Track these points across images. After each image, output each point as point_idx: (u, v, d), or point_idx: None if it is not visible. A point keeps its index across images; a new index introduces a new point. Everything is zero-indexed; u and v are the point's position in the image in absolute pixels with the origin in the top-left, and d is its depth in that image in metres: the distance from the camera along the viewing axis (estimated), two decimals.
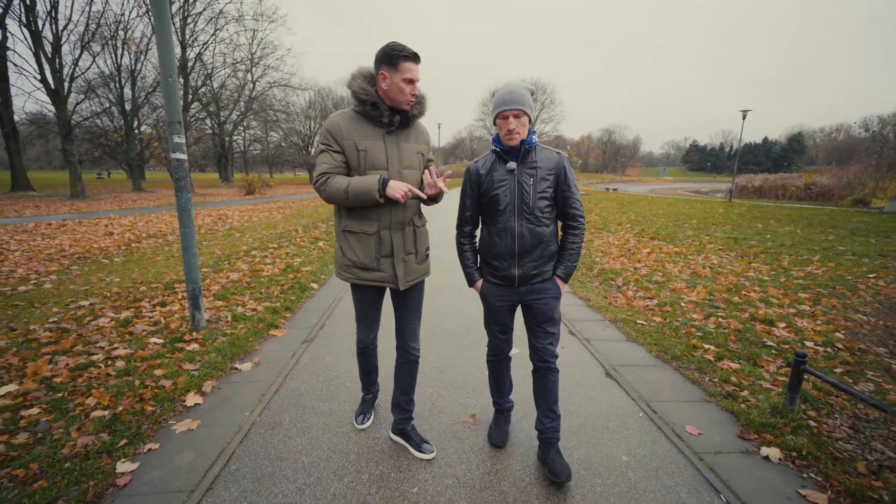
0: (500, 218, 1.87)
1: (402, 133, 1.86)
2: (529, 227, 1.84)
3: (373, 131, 1.79)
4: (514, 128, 1.76)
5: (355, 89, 1.75)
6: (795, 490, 1.88)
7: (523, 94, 1.77)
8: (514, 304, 2.00)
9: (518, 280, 1.90)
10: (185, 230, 3.36)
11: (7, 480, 1.79)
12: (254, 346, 3.33)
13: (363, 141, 1.77)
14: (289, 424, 2.32)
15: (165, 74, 3.09)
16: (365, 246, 1.85)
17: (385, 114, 1.76)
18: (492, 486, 1.89)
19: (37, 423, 2.21)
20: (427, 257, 2.05)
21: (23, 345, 3.19)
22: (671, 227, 11.12)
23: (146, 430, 2.21)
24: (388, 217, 1.83)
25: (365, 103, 1.74)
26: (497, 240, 1.89)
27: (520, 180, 1.83)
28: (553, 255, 1.93)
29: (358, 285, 1.95)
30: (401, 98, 1.74)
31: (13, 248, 7.04)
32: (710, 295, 4.84)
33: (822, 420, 2.38)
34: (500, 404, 2.26)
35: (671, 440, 2.24)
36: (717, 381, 2.86)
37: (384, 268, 1.89)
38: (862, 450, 2.12)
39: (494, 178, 1.86)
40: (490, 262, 1.96)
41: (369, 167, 1.77)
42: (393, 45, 1.69)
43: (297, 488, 1.84)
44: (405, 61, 1.68)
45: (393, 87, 1.72)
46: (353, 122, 1.78)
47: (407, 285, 1.94)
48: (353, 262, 1.88)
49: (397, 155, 1.83)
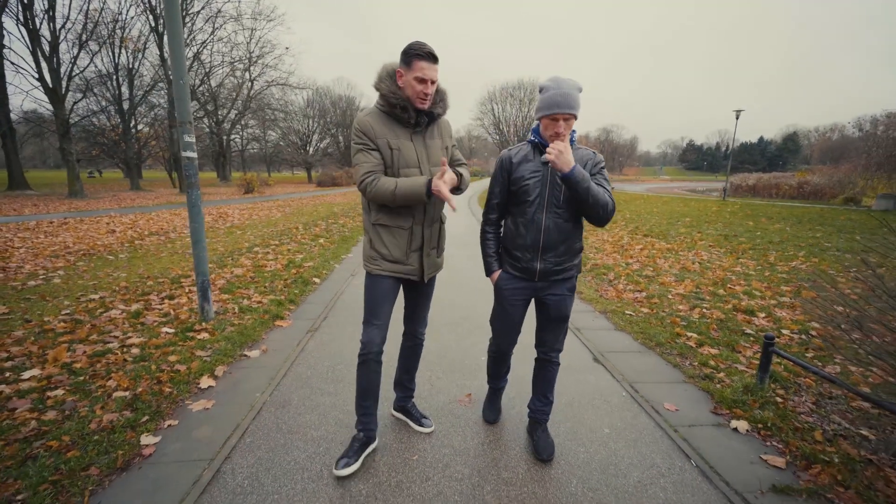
0: (527, 209, 1.85)
1: (428, 131, 1.91)
2: (557, 220, 1.82)
3: (402, 131, 1.83)
4: (563, 132, 1.72)
5: (385, 92, 1.77)
6: (758, 456, 2.08)
7: (576, 97, 1.70)
8: (528, 298, 2.00)
9: (539, 274, 1.89)
10: (195, 225, 3.53)
11: (43, 450, 1.96)
12: (261, 336, 3.51)
13: (395, 140, 1.80)
14: (297, 403, 2.50)
15: (177, 77, 3.26)
16: (398, 240, 1.89)
17: (413, 115, 1.80)
18: (484, 455, 2.08)
19: (63, 402, 2.38)
20: (443, 251, 2.12)
21: (39, 335, 3.35)
22: (664, 225, 11.34)
23: (165, 409, 2.39)
24: (421, 214, 1.90)
25: (395, 106, 1.77)
26: (523, 230, 1.87)
27: (553, 174, 1.80)
28: (577, 251, 1.92)
29: (379, 276, 1.94)
30: (412, 95, 1.75)
31: (17, 246, 7.17)
32: (697, 288, 5.04)
33: (788, 397, 2.58)
34: (495, 384, 2.36)
35: (650, 415, 2.43)
36: (697, 365, 3.06)
37: (412, 261, 1.93)
38: (821, 422, 2.33)
39: (527, 167, 1.84)
40: (512, 252, 1.93)
41: (402, 166, 1.81)
42: (411, 44, 1.71)
43: (307, 457, 2.03)
44: (418, 60, 1.70)
45: (406, 84, 1.75)
46: (383, 122, 1.81)
47: (428, 277, 2.01)
48: (381, 255, 1.90)
49: (425, 154, 1.88)
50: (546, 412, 2.16)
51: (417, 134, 1.87)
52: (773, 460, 2.03)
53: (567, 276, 1.92)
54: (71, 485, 1.78)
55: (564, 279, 1.92)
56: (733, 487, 1.87)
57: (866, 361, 2.03)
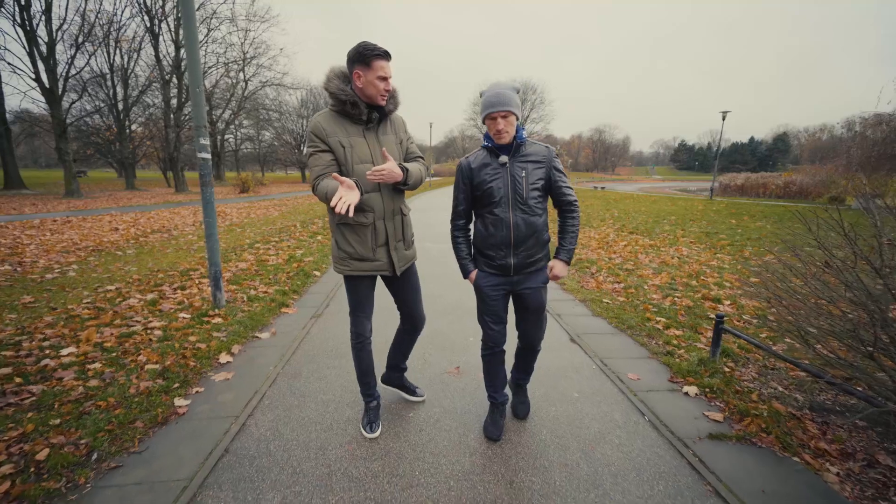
0: (494, 209, 1.95)
1: (380, 127, 1.97)
2: (524, 216, 1.93)
3: (353, 128, 1.89)
4: (503, 128, 1.86)
5: (333, 90, 1.83)
6: (702, 413, 2.46)
7: (510, 96, 1.85)
8: (507, 293, 2.09)
9: (514, 269, 2.00)
10: (208, 220, 3.86)
11: (94, 408, 2.30)
12: (269, 321, 3.85)
13: (347, 138, 1.87)
14: (307, 374, 2.85)
15: (193, 85, 3.59)
16: (361, 237, 1.95)
17: (364, 111, 1.86)
18: (470, 412, 2.44)
19: (102, 373, 2.71)
20: (412, 243, 2.20)
21: (67, 320, 3.66)
22: (650, 223, 11.77)
23: (192, 379, 2.73)
24: (381, 207, 1.95)
25: (345, 103, 1.83)
26: (493, 230, 1.97)
27: (512, 173, 1.92)
28: (545, 243, 2.03)
29: (354, 276, 2.02)
30: (375, 94, 1.83)
31: (27, 243, 7.43)
32: (672, 280, 5.44)
33: (736, 368, 2.97)
34: (496, 398, 2.28)
35: (614, 383, 2.81)
36: (661, 344, 3.44)
37: (380, 256, 2.00)
38: (760, 387, 2.72)
39: (487, 171, 1.95)
40: (485, 252, 2.04)
41: (356, 162, 1.88)
42: (364, 45, 1.77)
43: (318, 414, 2.38)
44: (377, 59, 1.76)
45: (367, 84, 1.81)
46: (335, 121, 1.87)
47: (401, 270, 2.10)
48: (349, 254, 1.97)
49: (379, 149, 1.93)
50: (526, 379, 2.41)
51: (370, 130, 1.93)
52: (713, 416, 2.41)
53: (539, 266, 2.05)
54: (122, 433, 2.12)
55: (537, 270, 2.05)
56: (676, 435, 2.25)
57: (777, 330, 2.41)
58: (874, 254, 2.06)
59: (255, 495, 1.78)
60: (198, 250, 7.04)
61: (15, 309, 3.93)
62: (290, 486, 1.83)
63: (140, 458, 2.00)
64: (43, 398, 2.39)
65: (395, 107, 1.99)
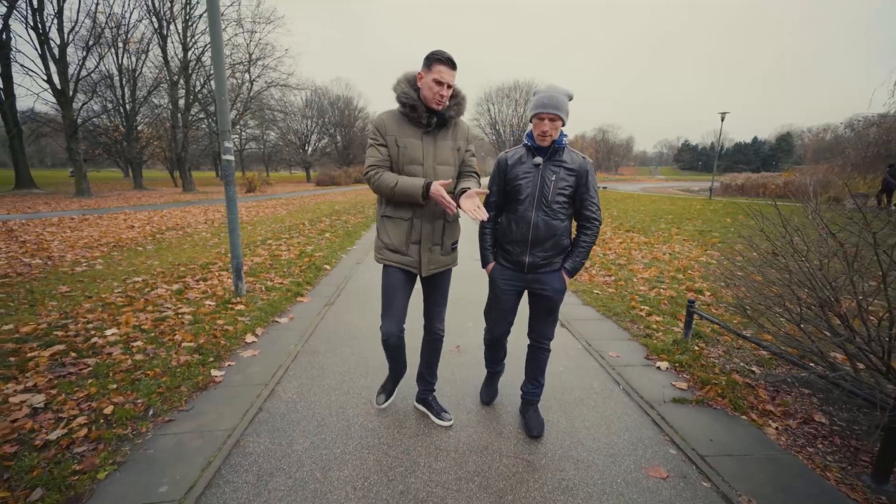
0: (519, 207, 2.02)
1: (440, 132, 2.01)
2: (545, 218, 1.98)
3: (412, 130, 1.96)
4: (548, 130, 1.90)
5: (398, 93, 1.93)
6: (670, 383, 2.81)
7: (562, 101, 1.89)
8: (520, 290, 2.15)
9: (528, 267, 2.06)
10: (231, 216, 4.24)
11: (144, 376, 2.68)
12: (287, 308, 4.22)
13: (403, 138, 1.95)
14: (324, 352, 3.22)
15: (219, 94, 3.97)
16: (398, 230, 2.02)
17: (423, 115, 1.92)
18: (468, 382, 2.81)
19: (145, 349, 3.09)
20: (454, 250, 2.18)
21: (104, 307, 4.05)
22: (647, 222, 12.10)
23: (224, 354, 3.11)
24: (421, 208, 1.99)
25: (405, 105, 1.92)
26: (514, 226, 2.04)
27: (543, 175, 1.98)
28: (564, 248, 2.07)
29: (388, 266, 2.09)
30: (430, 97, 1.89)
31: (49, 239, 7.84)
32: (661, 273, 5.79)
33: (705, 348, 3.33)
34: (493, 368, 2.50)
35: (596, 360, 3.17)
36: (642, 328, 3.80)
37: (412, 253, 2.04)
38: (724, 363, 3.07)
39: (521, 169, 2.01)
40: (504, 246, 2.12)
41: (406, 162, 1.96)
42: (434, 50, 1.88)
43: (337, 382, 2.75)
44: (437, 64, 1.85)
45: (425, 86, 1.89)
46: (397, 121, 1.96)
47: (428, 272, 2.08)
48: (385, 245, 2.06)
49: (433, 152, 1.99)
50: (537, 394, 2.34)
51: (429, 134, 1.98)
52: (679, 385, 2.77)
53: (554, 268, 2.08)
54: (171, 396, 2.50)
55: (552, 271, 2.08)
56: (645, 399, 2.61)
57: (728, 308, 2.77)
58: (813, 244, 2.42)
59: (288, 440, 2.15)
60: (213, 246, 7.43)
61: (55, 297, 4.32)
62: (316, 434, 2.20)
63: (188, 414, 2.38)
64: (98, 368, 2.77)
65: (458, 114, 2.04)
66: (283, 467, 1.95)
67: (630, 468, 2.01)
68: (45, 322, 3.56)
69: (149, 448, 2.07)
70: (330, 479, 1.89)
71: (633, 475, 1.96)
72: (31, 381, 2.58)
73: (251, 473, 1.91)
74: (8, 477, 1.81)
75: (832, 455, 2.12)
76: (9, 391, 2.45)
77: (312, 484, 1.86)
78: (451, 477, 1.92)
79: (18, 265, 5.60)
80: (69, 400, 2.39)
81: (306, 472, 1.93)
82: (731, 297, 2.88)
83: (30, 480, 1.79)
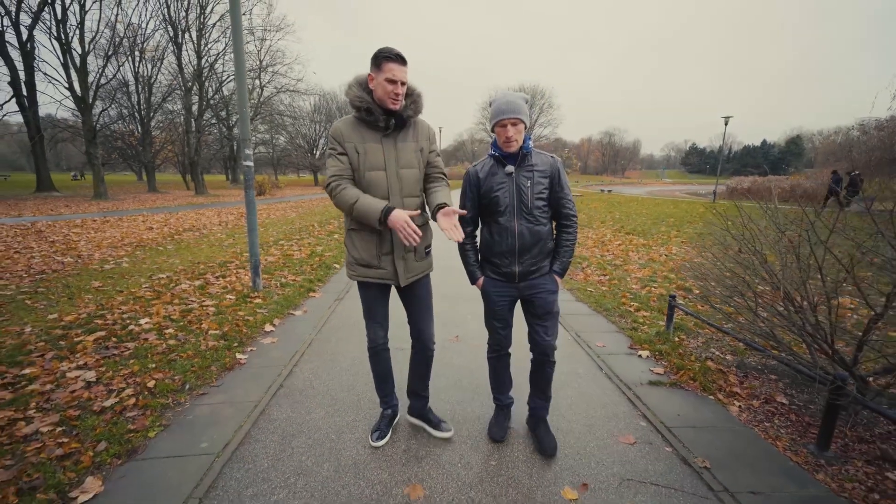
0: (500, 218, 1.97)
1: (400, 134, 1.93)
2: (529, 226, 1.95)
3: (371, 134, 1.89)
4: (512, 135, 1.87)
5: (351, 97, 1.86)
6: (649, 368, 3.10)
7: (520, 104, 1.88)
8: (513, 299, 2.11)
9: (518, 276, 2.02)
10: (250, 217, 4.61)
11: (178, 357, 3.03)
12: (300, 302, 4.57)
13: (362, 144, 1.87)
14: (336, 340, 3.56)
15: (241, 105, 4.35)
16: (367, 243, 1.94)
17: (380, 118, 1.85)
18: (465, 367, 3.12)
19: (176, 335, 3.45)
20: (428, 254, 2.10)
21: (135, 300, 4.42)
22: (648, 225, 12.33)
23: (246, 341, 3.45)
24: None
25: (360, 109, 1.85)
26: (498, 238, 1.99)
27: (518, 183, 1.94)
28: (550, 251, 2.06)
29: (363, 282, 2.02)
30: (384, 97, 1.81)
31: (76, 239, 8.30)
32: (654, 273, 6.05)
33: (685, 339, 3.60)
34: (501, 400, 2.31)
35: (583, 348, 3.46)
36: (630, 322, 4.08)
37: (385, 265, 1.96)
38: (701, 352, 3.35)
39: (494, 180, 1.97)
40: (491, 259, 2.06)
41: (368, 168, 1.87)
42: (380, 49, 1.79)
43: (348, 365, 3.08)
44: (387, 62, 1.76)
45: (378, 87, 1.81)
46: (354, 127, 1.89)
47: (407, 282, 2.01)
48: (356, 260, 1.97)
49: (395, 156, 1.91)
50: (545, 407, 2.26)
51: (388, 137, 1.91)
52: (656, 370, 3.06)
53: (544, 272, 2.06)
54: (203, 374, 2.85)
55: (542, 276, 2.05)
56: (624, 382, 2.90)
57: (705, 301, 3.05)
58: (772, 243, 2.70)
59: (307, 410, 2.48)
60: (229, 246, 7.84)
61: (89, 291, 4.72)
62: (330, 406, 2.53)
63: (219, 389, 2.72)
64: (137, 351, 3.13)
65: (416, 112, 1.96)
66: (303, 430, 2.28)
67: (603, 436, 2.31)
68: (85, 312, 3.94)
69: (188, 415, 2.41)
70: (343, 440, 2.21)
71: (606, 441, 2.26)
72: (82, 360, 2.95)
73: (277, 434, 2.24)
74: (76, 433, 2.16)
75: (786, 429, 2.39)
76: (65, 368, 2.82)
77: (328, 443, 2.18)
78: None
79: (52, 263, 6.03)
80: (116, 376, 2.75)
81: (323, 434, 2.26)
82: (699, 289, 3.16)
83: (94, 436, 2.14)
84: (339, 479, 1.93)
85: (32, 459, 1.95)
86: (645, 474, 2.00)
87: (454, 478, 1.97)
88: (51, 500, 1.74)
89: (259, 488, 1.86)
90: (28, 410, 2.34)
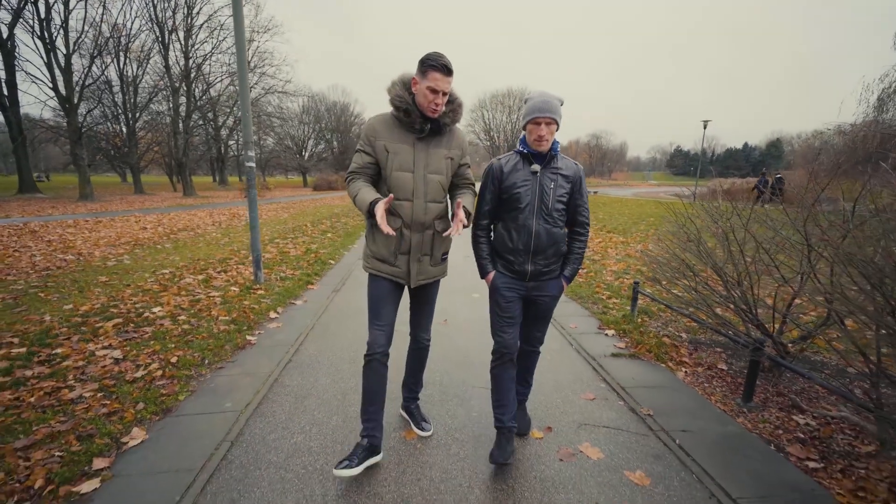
0: (519, 216, 1.95)
1: (434, 139, 1.92)
2: (546, 227, 1.95)
3: (405, 136, 1.88)
4: (545, 134, 1.86)
5: (392, 96, 1.85)
6: (613, 344, 3.55)
7: (556, 105, 1.87)
8: (521, 297, 2.07)
9: (530, 275, 2.01)
10: (252, 215, 4.94)
11: (194, 339, 3.37)
12: (300, 293, 4.92)
13: (393, 144, 1.86)
14: (335, 327, 3.92)
15: (244, 109, 4.68)
16: (387, 240, 1.93)
17: (417, 121, 1.84)
18: (453, 347, 3.52)
19: (189, 321, 3.78)
20: (443, 261, 2.10)
21: (143, 292, 4.72)
22: (629, 224, 12.90)
23: (254, 326, 3.80)
24: (409, 216, 1.90)
25: (399, 109, 1.84)
26: (515, 236, 1.97)
27: (542, 182, 1.93)
28: (562, 255, 2.06)
29: (375, 276, 2.02)
30: (424, 104, 1.80)
31: (72, 238, 8.48)
32: (628, 267, 6.54)
33: (648, 321, 4.07)
34: (503, 421, 2.07)
35: (558, 329, 3.90)
36: (601, 307, 4.53)
37: (399, 264, 1.97)
38: (659, 330, 3.81)
39: (517, 176, 1.95)
40: (504, 255, 2.04)
41: (395, 168, 1.87)
42: (428, 54, 1.76)
43: (347, 344, 3.46)
44: (432, 71, 1.75)
45: (419, 93, 1.80)
46: (388, 125, 1.89)
47: (417, 284, 2.01)
48: (373, 253, 1.99)
49: (424, 160, 1.90)
50: (525, 393, 2.36)
51: (421, 141, 1.90)
52: (619, 345, 3.51)
53: (554, 275, 2.05)
54: (218, 352, 3.20)
55: (552, 279, 2.05)
56: (591, 354, 3.34)
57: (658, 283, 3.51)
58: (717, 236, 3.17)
59: (315, 378, 2.86)
60: (226, 244, 8.11)
61: (98, 286, 4.99)
62: (335, 374, 2.92)
63: (234, 364, 3.07)
64: (156, 334, 3.46)
65: (453, 122, 1.96)
66: (313, 393, 2.66)
67: (568, 394, 2.73)
68: (98, 303, 4.23)
69: (210, 383, 2.77)
70: (348, 400, 2.60)
71: (570, 398, 2.69)
72: (106, 342, 3.27)
73: (290, 396, 2.62)
74: (116, 397, 2.51)
75: (721, 388, 2.85)
76: (92, 348, 3.14)
77: (335, 402, 2.56)
78: (435, 399, 2.64)
79: (55, 260, 6.26)
80: (141, 354, 3.09)
81: (330, 395, 2.64)
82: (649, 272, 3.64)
83: (132, 398, 2.48)
84: (347, 426, 2.32)
85: (83, 416, 2.29)
86: (599, 420, 2.43)
87: (442, 425, 2.37)
88: (106, 444, 2.08)
89: (280, 434, 2.23)
90: (68, 381, 2.67)
